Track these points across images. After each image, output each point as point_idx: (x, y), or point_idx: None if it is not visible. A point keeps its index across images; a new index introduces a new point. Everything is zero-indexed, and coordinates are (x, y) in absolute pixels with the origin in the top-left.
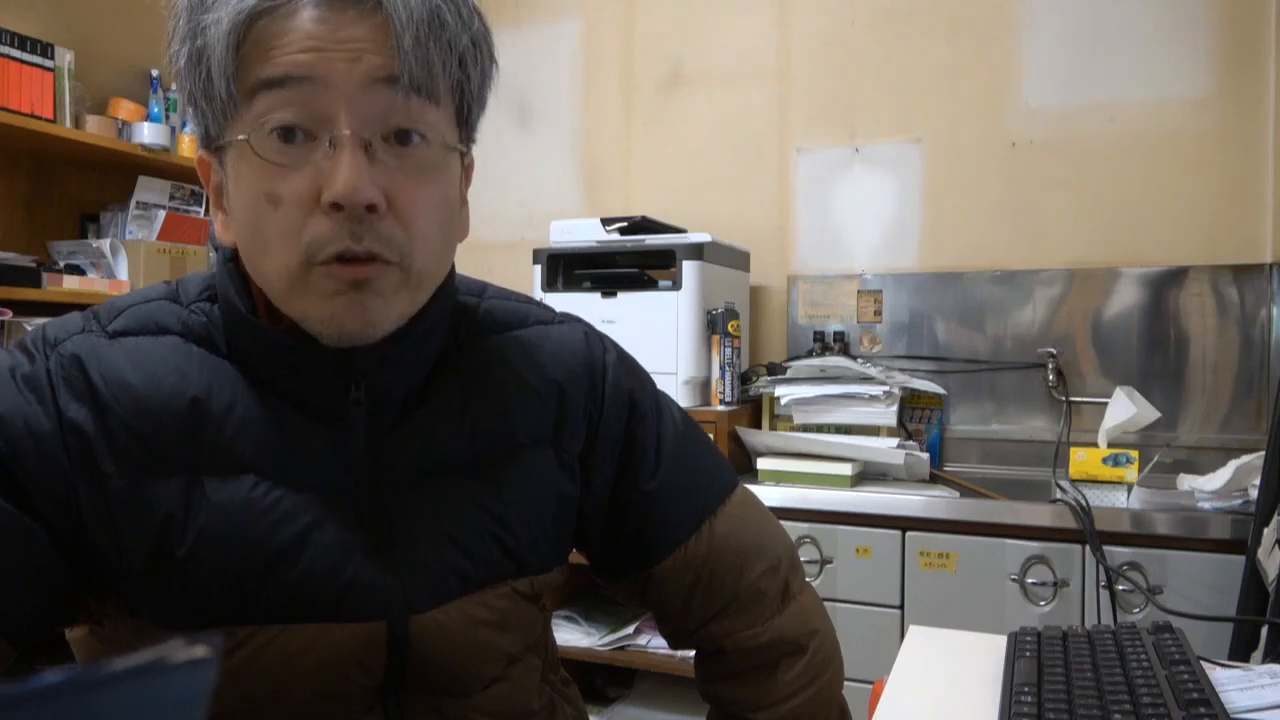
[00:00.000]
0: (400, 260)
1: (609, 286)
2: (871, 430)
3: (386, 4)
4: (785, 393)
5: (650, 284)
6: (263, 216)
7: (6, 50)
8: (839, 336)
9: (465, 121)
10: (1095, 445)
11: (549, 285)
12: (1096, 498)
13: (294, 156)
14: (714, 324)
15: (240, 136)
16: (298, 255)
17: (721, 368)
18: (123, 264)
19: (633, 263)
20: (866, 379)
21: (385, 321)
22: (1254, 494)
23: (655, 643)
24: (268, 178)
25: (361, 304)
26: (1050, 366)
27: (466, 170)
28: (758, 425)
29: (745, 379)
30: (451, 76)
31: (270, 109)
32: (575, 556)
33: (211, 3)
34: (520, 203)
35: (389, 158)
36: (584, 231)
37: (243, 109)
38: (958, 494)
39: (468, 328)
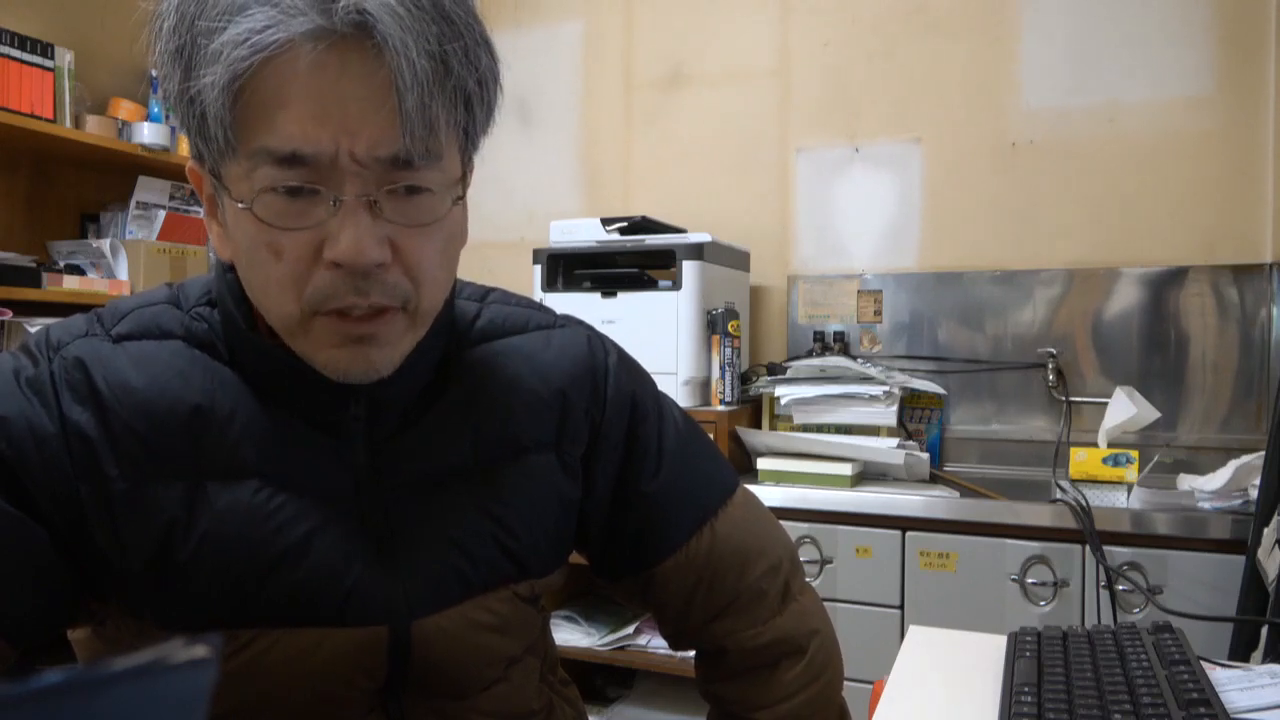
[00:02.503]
0: (406, 304)
1: (609, 286)
2: (871, 430)
3: (389, 59)
4: (785, 393)
5: (650, 284)
6: (263, 264)
7: (6, 50)
8: (839, 336)
9: (467, 150)
10: (1095, 445)
11: (549, 285)
12: (1096, 498)
13: (296, 215)
14: (714, 324)
15: (240, 205)
16: (298, 305)
17: (721, 368)
18: (123, 264)
19: (633, 263)
20: (866, 379)
21: (389, 366)
22: (1254, 494)
23: (655, 643)
24: (269, 231)
25: (365, 356)
26: (1050, 366)
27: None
28: (758, 425)
29: (745, 379)
30: (457, 126)
31: (270, 178)
32: (575, 557)
33: (204, 55)
34: (520, 203)
35: (394, 212)
36: (584, 231)
37: (242, 157)
38: (958, 494)
39: (469, 334)
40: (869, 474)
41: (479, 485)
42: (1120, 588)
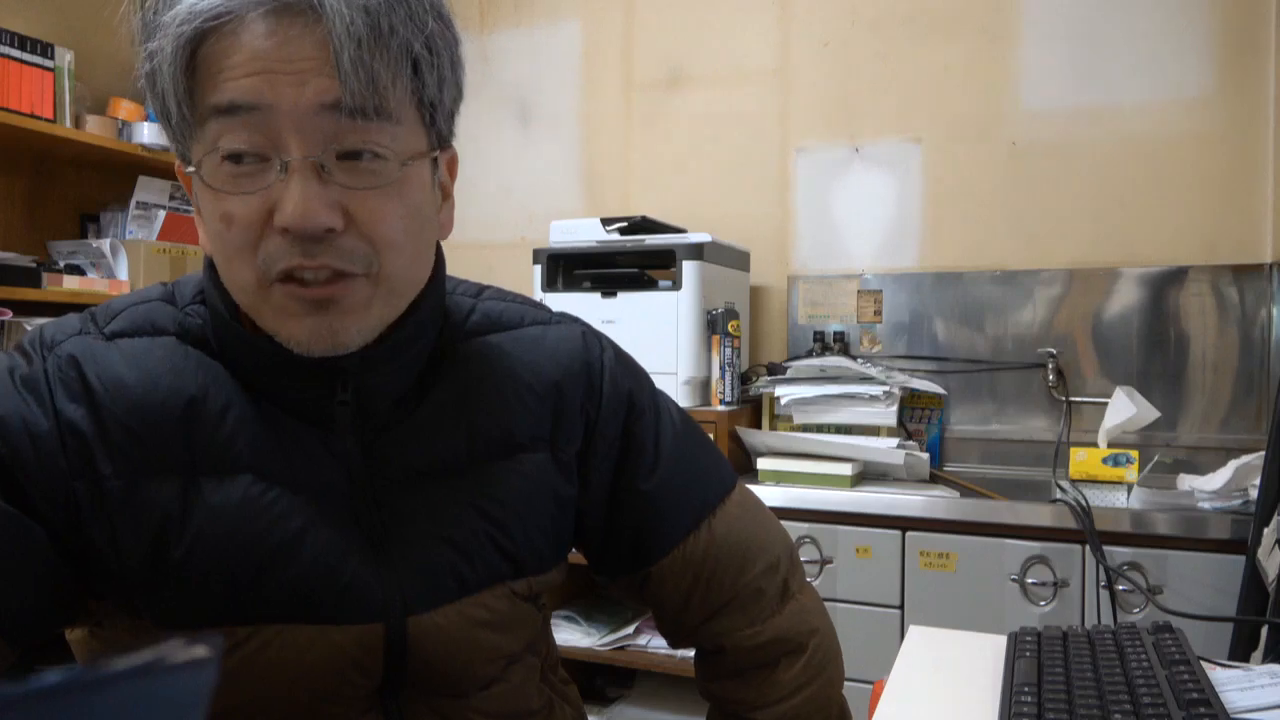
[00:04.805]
0: (366, 271)
1: (609, 286)
2: (871, 430)
3: (326, 18)
4: (785, 393)
5: (650, 284)
6: (221, 237)
7: (6, 50)
8: (839, 336)
9: (432, 125)
10: (1095, 445)
11: (549, 285)
12: (1096, 498)
13: (245, 182)
14: (714, 324)
15: (189, 169)
16: (254, 273)
17: (721, 368)
18: (123, 264)
19: (633, 263)
20: (866, 379)
21: (356, 337)
22: (1254, 494)
23: (655, 643)
24: (222, 200)
25: (327, 324)
26: (1050, 366)
27: (449, 165)
28: (758, 425)
29: (745, 379)
30: (405, 86)
31: (220, 135)
32: (575, 556)
33: (155, 29)
34: (520, 203)
35: (344, 176)
36: (584, 231)
37: (199, 131)
38: (958, 494)
39: (463, 329)
40: (869, 474)
41: (473, 482)
42: (1120, 588)
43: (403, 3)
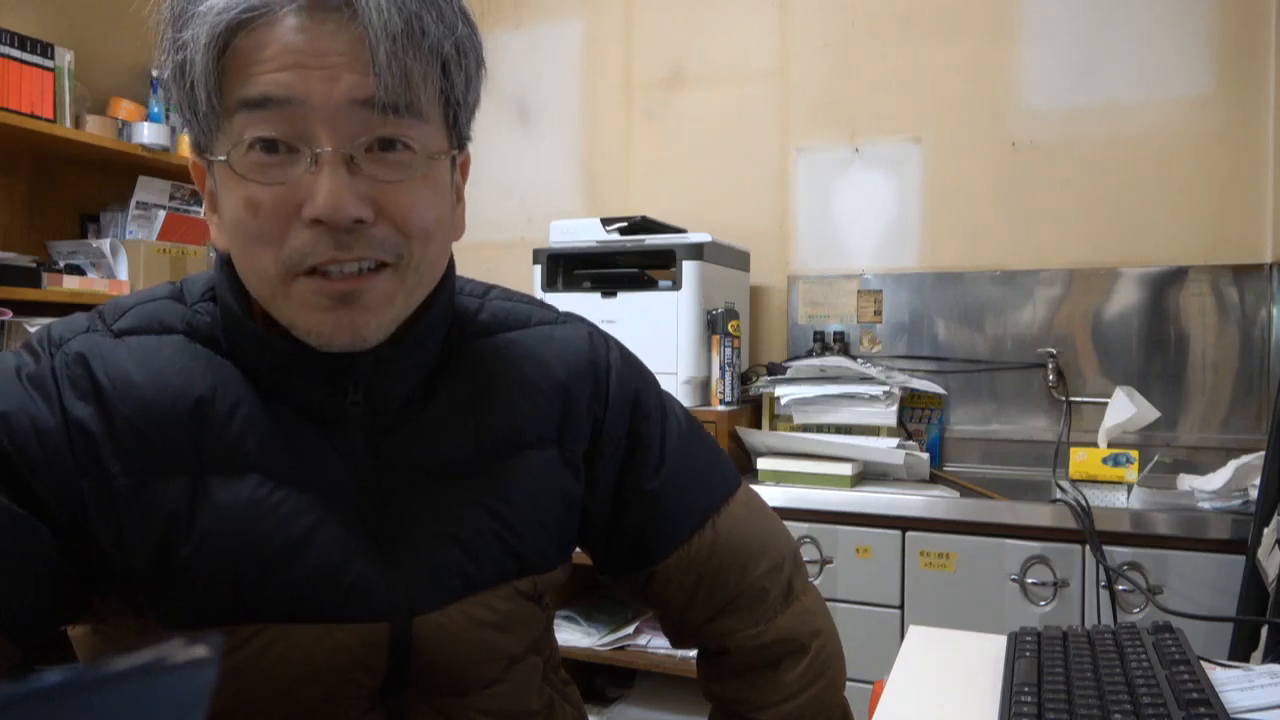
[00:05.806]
0: (397, 260)
1: (609, 286)
2: (871, 430)
3: (362, 15)
4: (785, 393)
5: (650, 284)
6: (244, 225)
7: (6, 50)
8: (839, 336)
9: (454, 126)
10: (1095, 445)
11: (549, 285)
12: (1096, 498)
13: (274, 172)
14: (714, 324)
15: (221, 157)
16: (278, 265)
17: (721, 368)
18: (123, 264)
19: (633, 263)
20: (866, 379)
21: (377, 331)
22: (1254, 494)
23: (655, 643)
24: (248, 186)
25: (350, 318)
26: (1050, 366)
27: (461, 167)
28: (758, 425)
29: (745, 379)
30: (434, 85)
31: (248, 127)
32: (577, 556)
33: (190, 17)
34: (520, 203)
35: (373, 168)
36: (584, 231)
37: (225, 123)
38: (958, 494)
39: (470, 329)
40: (869, 474)
41: (480, 481)
42: (1120, 588)
43: (434, 4)
